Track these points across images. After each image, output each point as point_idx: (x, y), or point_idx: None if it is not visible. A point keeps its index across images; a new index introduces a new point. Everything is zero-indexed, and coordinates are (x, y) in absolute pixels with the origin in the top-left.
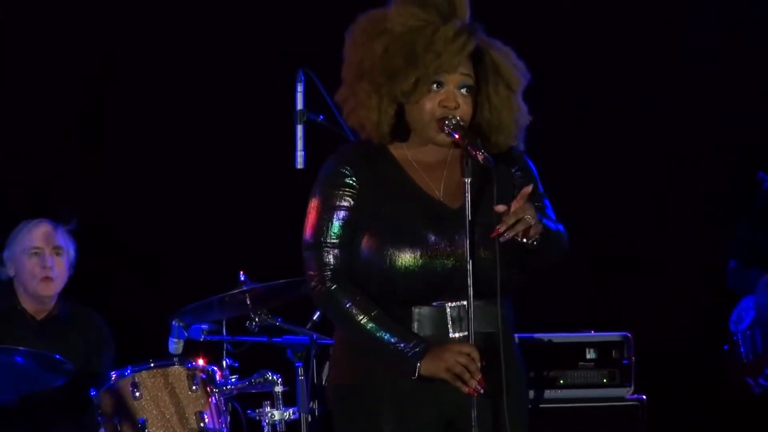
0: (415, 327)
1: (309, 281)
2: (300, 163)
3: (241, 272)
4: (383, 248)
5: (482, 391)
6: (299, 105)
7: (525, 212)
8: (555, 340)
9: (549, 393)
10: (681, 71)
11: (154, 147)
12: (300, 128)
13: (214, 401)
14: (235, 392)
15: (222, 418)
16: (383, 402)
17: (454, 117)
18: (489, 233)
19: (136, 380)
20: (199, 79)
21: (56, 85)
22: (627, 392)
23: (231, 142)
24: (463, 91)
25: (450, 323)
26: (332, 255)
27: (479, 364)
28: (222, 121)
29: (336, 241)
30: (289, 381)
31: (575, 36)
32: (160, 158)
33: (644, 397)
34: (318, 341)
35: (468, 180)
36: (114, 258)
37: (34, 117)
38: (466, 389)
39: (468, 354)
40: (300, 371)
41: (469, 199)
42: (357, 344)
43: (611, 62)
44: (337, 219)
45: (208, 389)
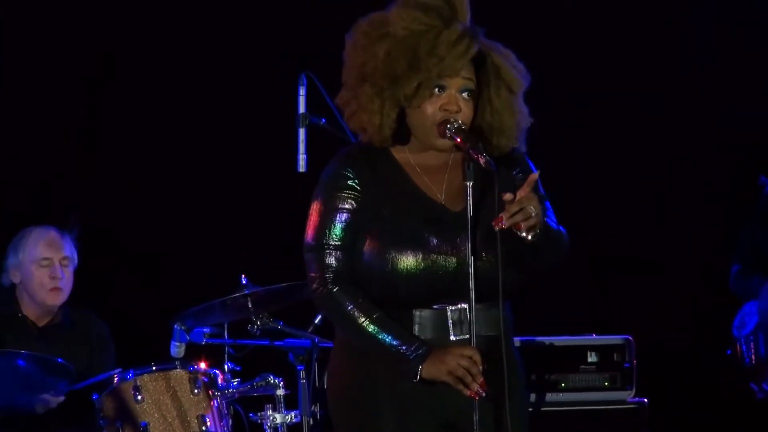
0: (416, 330)
1: (310, 283)
2: (302, 167)
3: (243, 275)
4: (385, 251)
5: (484, 395)
6: (301, 108)
7: (529, 202)
8: (556, 344)
9: (550, 396)
10: (681, 71)
11: (155, 147)
12: (302, 132)
13: (216, 405)
14: (237, 395)
15: (224, 422)
16: (383, 403)
17: (456, 120)
18: (490, 236)
19: (138, 384)
20: (200, 81)
21: (56, 85)
22: (628, 395)
23: (232, 145)
24: (465, 95)
25: (451, 326)
26: (334, 257)
27: (481, 368)
28: (223, 124)
29: (338, 243)
30: (291, 384)
31: (575, 36)
32: (161, 159)
33: (645, 401)
34: (320, 345)
35: (469, 183)
36: (114, 259)
37: (34, 117)
38: (468, 392)
39: (470, 357)
40: (302, 374)
41: (471, 203)
42: (356, 346)
43: (611, 62)
44: (340, 221)
45: (210, 393)
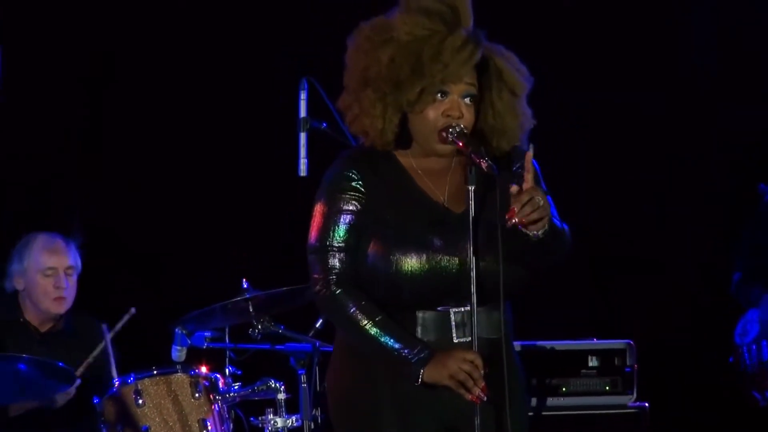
0: (419, 332)
1: (313, 285)
2: (303, 171)
3: (244, 280)
4: (389, 253)
5: (485, 399)
6: (302, 113)
7: (536, 192)
8: (557, 348)
9: (551, 400)
10: (681, 71)
11: (155, 148)
12: (303, 136)
13: (217, 409)
14: (238, 399)
15: (225, 426)
16: (383, 404)
17: (458, 125)
18: (493, 238)
19: (139, 388)
20: (201, 81)
21: (56, 85)
22: (629, 400)
23: (232, 146)
24: (467, 101)
25: (454, 328)
26: (337, 258)
27: (482, 372)
28: (224, 125)
29: (341, 245)
30: (292, 388)
31: (575, 36)
32: (161, 160)
33: (647, 405)
34: (321, 349)
35: (472, 188)
36: (114, 259)
37: (34, 117)
38: (470, 397)
39: (471, 361)
40: (303, 379)
41: (473, 207)
42: (357, 347)
43: (611, 62)
44: (343, 222)
45: (211, 397)
